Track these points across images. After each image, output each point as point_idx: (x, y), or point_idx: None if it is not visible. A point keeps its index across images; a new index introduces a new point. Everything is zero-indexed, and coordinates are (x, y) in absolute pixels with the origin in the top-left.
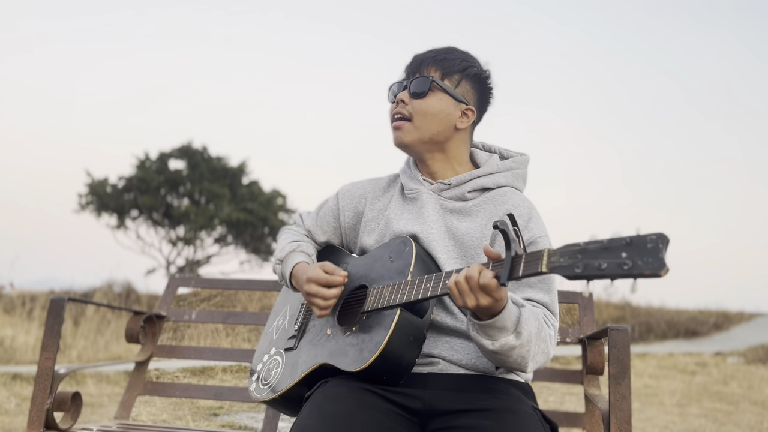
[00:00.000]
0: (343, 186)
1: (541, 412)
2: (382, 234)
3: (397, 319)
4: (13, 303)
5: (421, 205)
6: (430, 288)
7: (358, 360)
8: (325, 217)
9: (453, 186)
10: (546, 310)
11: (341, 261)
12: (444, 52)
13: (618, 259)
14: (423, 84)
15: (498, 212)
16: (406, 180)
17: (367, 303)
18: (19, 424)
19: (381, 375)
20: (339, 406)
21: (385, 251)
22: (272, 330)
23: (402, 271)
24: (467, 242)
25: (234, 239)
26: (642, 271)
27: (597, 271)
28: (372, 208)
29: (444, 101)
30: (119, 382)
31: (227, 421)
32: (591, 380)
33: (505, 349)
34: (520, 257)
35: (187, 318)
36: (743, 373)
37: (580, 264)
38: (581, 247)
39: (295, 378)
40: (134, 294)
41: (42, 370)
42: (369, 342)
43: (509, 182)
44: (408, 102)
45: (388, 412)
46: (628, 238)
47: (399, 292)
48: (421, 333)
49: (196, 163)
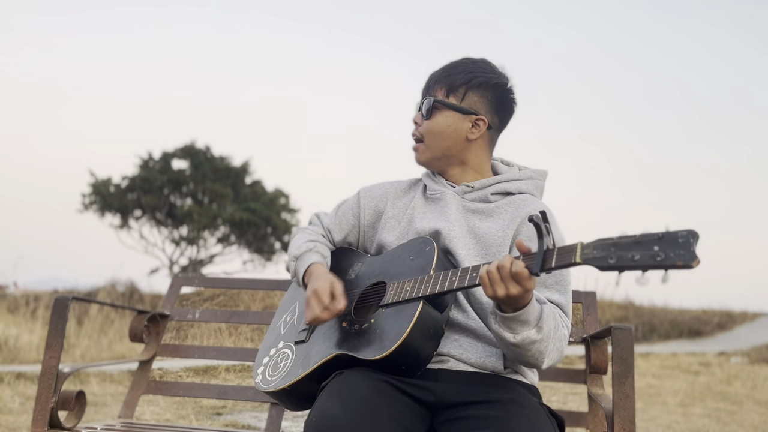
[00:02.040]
0: (364, 186)
1: (547, 407)
2: (404, 231)
3: (419, 311)
4: (17, 302)
5: (444, 204)
6: (456, 280)
7: (378, 349)
8: (345, 216)
9: (476, 189)
10: (561, 311)
11: (356, 261)
12: (450, 67)
13: (651, 251)
14: (428, 104)
15: (520, 215)
16: (429, 182)
17: (387, 296)
18: (24, 423)
19: (400, 365)
20: (357, 393)
21: (404, 251)
22: (279, 325)
23: (424, 267)
24: (489, 241)
25: (237, 239)
26: (674, 262)
27: (630, 262)
28: (393, 206)
29: (450, 117)
30: (123, 381)
31: (230, 421)
32: (594, 380)
33: (525, 342)
34: (552, 250)
35: (191, 317)
36: (747, 372)
37: (614, 256)
38: (614, 241)
39: (308, 368)
40: (137, 293)
41: (46, 369)
42: (390, 332)
43: (530, 190)
44: (420, 123)
45: (402, 402)
46: (660, 233)
47: (422, 285)
48: (440, 327)
49: (199, 163)
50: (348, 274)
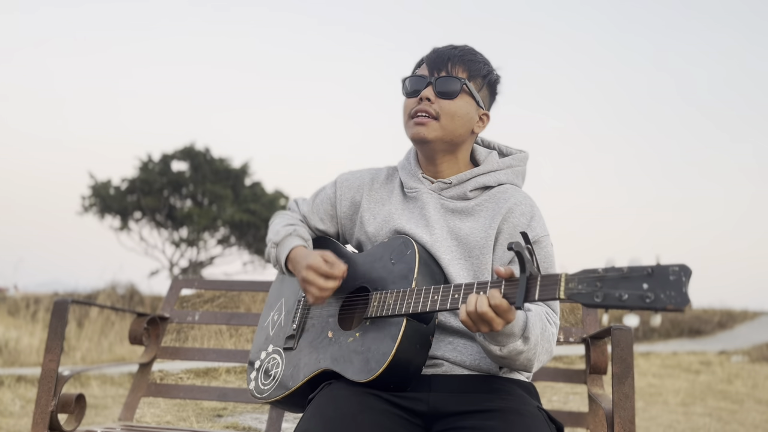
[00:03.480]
0: (342, 174)
1: (546, 412)
2: (379, 228)
3: (404, 329)
4: (17, 305)
5: (422, 205)
6: (438, 301)
7: (364, 371)
8: (322, 205)
9: (454, 185)
10: (548, 308)
11: (337, 257)
12: (469, 52)
13: (639, 290)
14: (454, 85)
15: (500, 210)
16: (405, 177)
17: (369, 309)
18: (24, 426)
19: (388, 384)
20: (341, 410)
21: (385, 251)
22: (267, 324)
23: (405, 275)
24: (471, 242)
25: (237, 240)
26: (665, 305)
27: (617, 302)
28: (370, 199)
29: (469, 105)
30: (123, 383)
31: (231, 422)
32: (594, 380)
33: (513, 354)
34: (536, 279)
35: (191, 319)
36: (747, 371)
37: (600, 293)
38: (600, 275)
39: (297, 382)
40: (138, 296)
41: (46, 372)
42: (375, 352)
43: (509, 180)
44: (434, 101)
45: (391, 415)
46: (650, 268)
47: (404, 301)
48: (427, 339)
49: (199, 165)
50: None
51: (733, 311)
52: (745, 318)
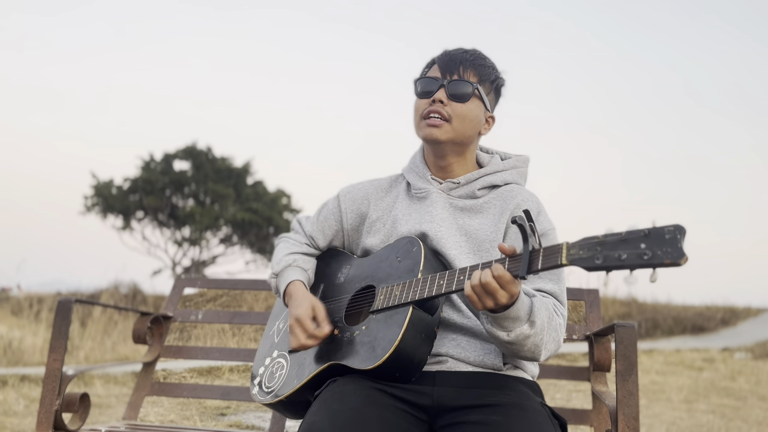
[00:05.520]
0: (343, 188)
1: (549, 409)
2: (388, 234)
3: (410, 316)
4: (20, 305)
5: (430, 203)
6: (444, 284)
7: (370, 358)
8: (326, 221)
9: (462, 185)
10: (555, 299)
11: (344, 263)
12: (479, 57)
13: (637, 249)
14: (466, 88)
15: (508, 207)
16: (413, 179)
17: (376, 302)
18: (28, 425)
19: (394, 373)
20: (347, 404)
21: (391, 251)
22: (273, 333)
23: (411, 269)
24: (480, 237)
25: (239, 239)
26: (662, 260)
27: (617, 262)
28: (376, 208)
29: (479, 108)
30: (127, 382)
31: (235, 421)
32: (598, 377)
33: (520, 338)
34: (538, 251)
35: (194, 318)
36: (751, 368)
37: (600, 255)
38: (600, 240)
39: (302, 379)
40: (141, 295)
41: (50, 371)
42: (381, 340)
43: (515, 179)
44: (447, 103)
45: (396, 409)
46: (646, 230)
47: (411, 289)
48: (432, 330)
49: (201, 164)
50: (337, 277)
51: (736, 308)
52: (749, 315)
